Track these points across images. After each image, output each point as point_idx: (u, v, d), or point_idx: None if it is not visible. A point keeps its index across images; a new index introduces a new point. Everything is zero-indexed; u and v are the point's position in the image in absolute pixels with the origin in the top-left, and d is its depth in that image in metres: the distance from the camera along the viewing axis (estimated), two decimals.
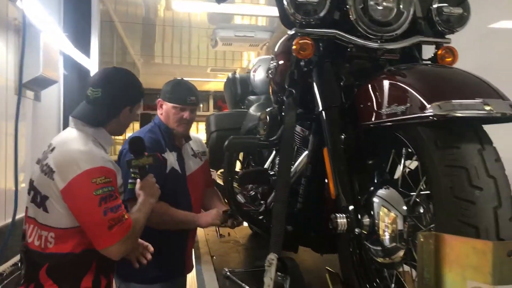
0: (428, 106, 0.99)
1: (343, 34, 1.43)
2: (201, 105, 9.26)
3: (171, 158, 2.39)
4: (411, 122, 1.06)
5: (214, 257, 2.33)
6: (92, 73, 2.99)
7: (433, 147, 1.01)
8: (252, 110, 2.52)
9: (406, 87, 1.10)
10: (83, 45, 3.01)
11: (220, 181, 2.77)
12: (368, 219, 1.24)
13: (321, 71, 1.49)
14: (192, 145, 2.59)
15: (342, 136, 1.33)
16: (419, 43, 1.51)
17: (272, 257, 1.23)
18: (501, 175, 0.95)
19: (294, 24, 1.46)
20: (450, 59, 1.50)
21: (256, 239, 2.68)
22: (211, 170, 2.76)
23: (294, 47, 1.43)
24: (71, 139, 1.67)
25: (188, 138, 2.54)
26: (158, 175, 2.13)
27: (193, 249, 2.52)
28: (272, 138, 1.59)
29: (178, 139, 2.47)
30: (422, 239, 0.93)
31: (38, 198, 1.63)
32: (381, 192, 1.25)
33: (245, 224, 2.40)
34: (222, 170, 2.73)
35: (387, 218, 1.20)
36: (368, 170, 1.34)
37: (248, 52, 6.24)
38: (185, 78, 2.52)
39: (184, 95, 2.43)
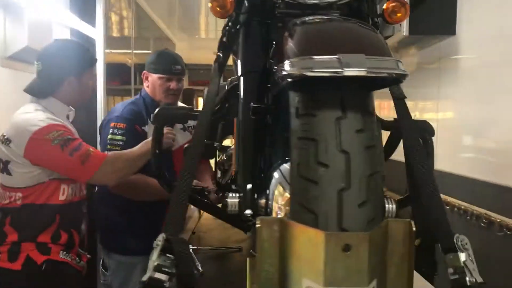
0: (283, 63, 0.81)
1: None
2: None
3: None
4: (283, 85, 0.88)
5: (194, 234, 2.27)
6: (97, 44, 3.04)
7: (294, 114, 0.83)
8: None
9: (288, 43, 0.92)
10: (90, 18, 3.06)
11: None
12: (264, 200, 1.08)
13: (247, 32, 1.32)
14: None
15: (252, 105, 1.17)
16: None
17: (160, 238, 1.12)
18: (359, 150, 0.75)
19: None
20: (400, 15, 1.25)
21: None
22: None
23: (209, 4, 1.27)
24: (21, 111, 1.86)
25: None
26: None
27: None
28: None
29: None
30: (260, 225, 0.77)
31: (1, 165, 1.83)
32: (284, 167, 1.08)
33: None
34: None
35: (280, 199, 1.04)
36: (282, 144, 1.17)
37: None
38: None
39: (169, 64, 2.37)
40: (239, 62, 1.30)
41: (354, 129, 0.77)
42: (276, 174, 1.08)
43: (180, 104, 2.58)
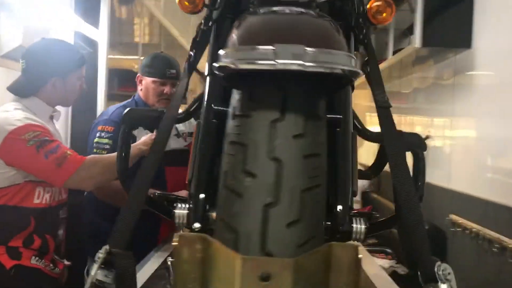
0: (218, 55, 0.70)
1: None
2: None
3: (143, 135, 2.26)
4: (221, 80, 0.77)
5: None
6: (100, 47, 3.00)
7: (231, 115, 0.71)
8: None
9: (231, 34, 0.81)
10: (95, 21, 3.03)
11: None
12: (215, 213, 0.96)
13: (218, 29, 1.22)
14: (177, 125, 2.43)
15: (213, 107, 1.05)
16: None
17: (103, 250, 1.01)
18: (294, 158, 0.62)
19: None
20: (385, 15, 1.13)
21: None
22: None
23: None
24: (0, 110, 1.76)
25: None
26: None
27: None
28: None
29: None
30: (178, 243, 0.65)
31: None
32: None
33: None
34: None
35: None
36: None
37: None
38: None
39: (164, 68, 2.29)
40: (207, 62, 1.19)
41: (292, 134, 0.64)
42: None
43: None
